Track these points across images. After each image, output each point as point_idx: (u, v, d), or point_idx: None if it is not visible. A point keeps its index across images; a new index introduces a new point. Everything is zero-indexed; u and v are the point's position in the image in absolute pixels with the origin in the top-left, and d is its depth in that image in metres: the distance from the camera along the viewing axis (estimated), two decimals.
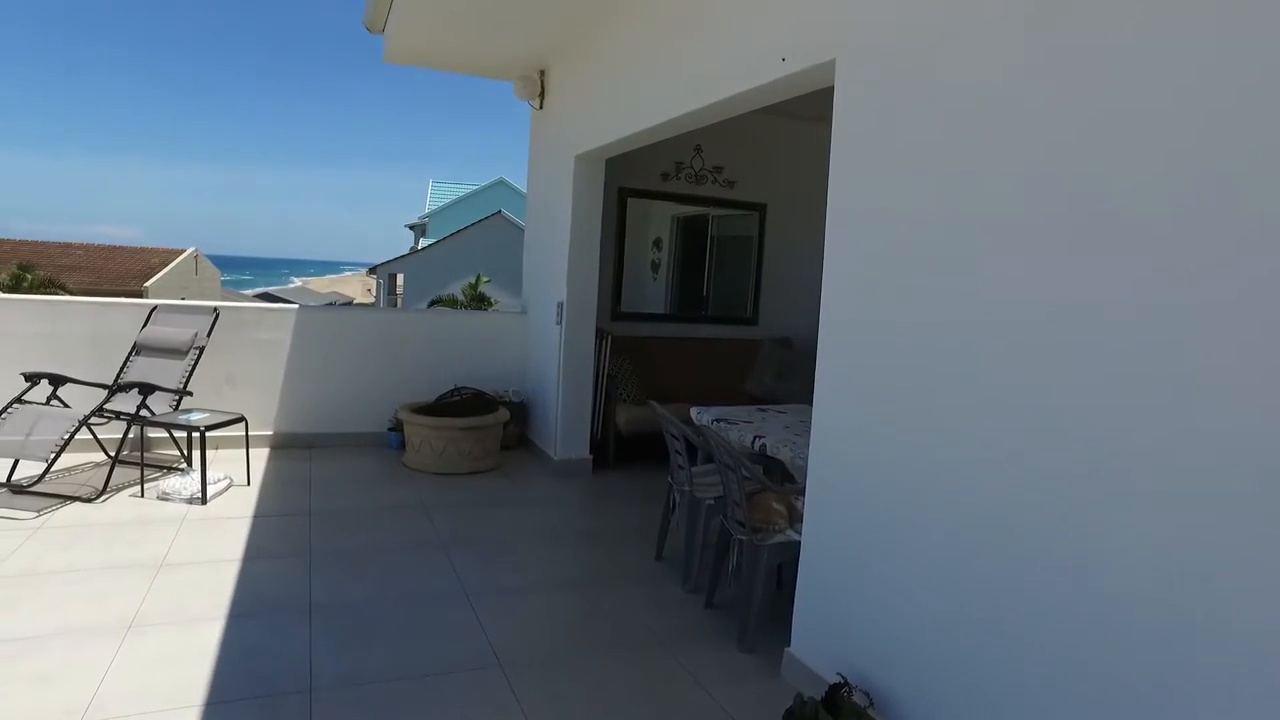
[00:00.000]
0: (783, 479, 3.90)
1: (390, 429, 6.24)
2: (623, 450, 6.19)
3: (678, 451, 3.92)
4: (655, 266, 7.34)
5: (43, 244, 28.59)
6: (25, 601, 3.26)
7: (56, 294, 18.62)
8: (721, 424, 4.05)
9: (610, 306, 6.89)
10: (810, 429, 3.80)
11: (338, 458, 5.85)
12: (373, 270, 28.27)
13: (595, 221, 5.77)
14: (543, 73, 6.33)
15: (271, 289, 49.15)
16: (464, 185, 31.31)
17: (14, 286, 20.10)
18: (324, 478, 5.32)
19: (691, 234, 7.46)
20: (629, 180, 6.73)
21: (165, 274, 26.29)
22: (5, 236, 29.43)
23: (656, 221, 7.22)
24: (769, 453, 3.65)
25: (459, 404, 5.94)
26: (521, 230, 23.21)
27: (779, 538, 3.29)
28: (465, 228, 23.78)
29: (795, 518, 3.38)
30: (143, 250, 29.11)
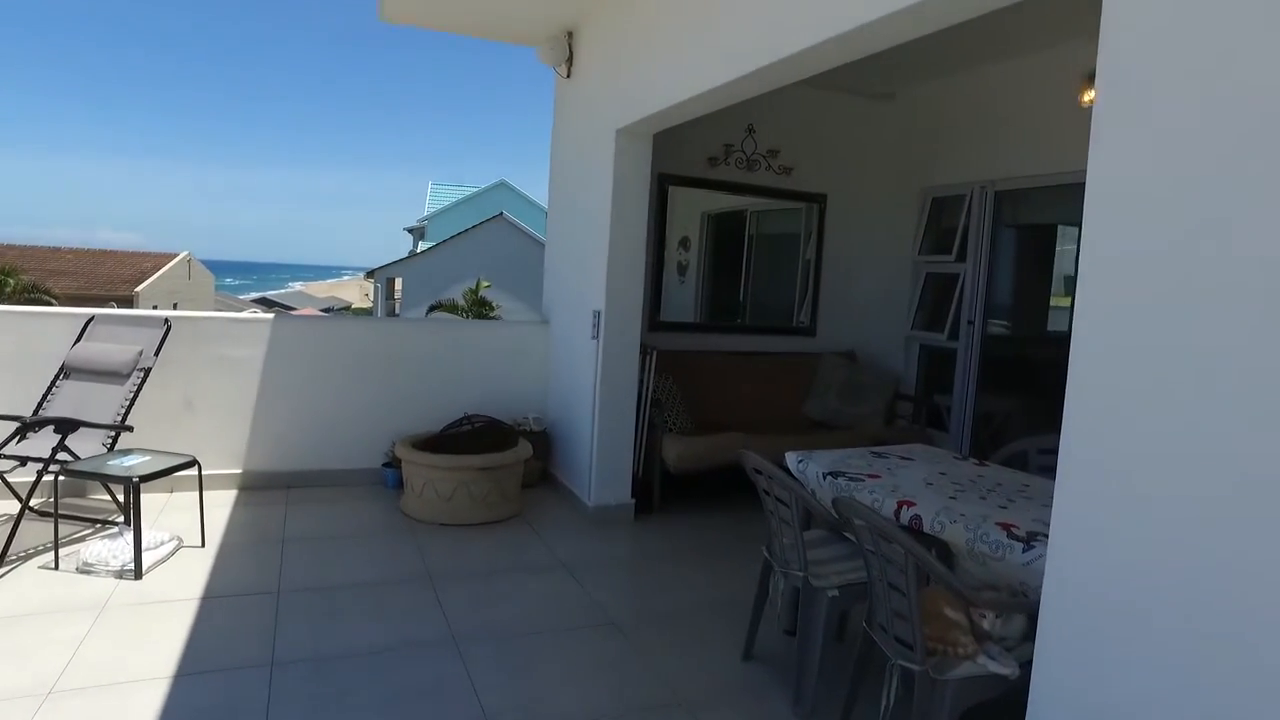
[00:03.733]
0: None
1: (385, 464, 5.14)
2: (669, 490, 5.08)
3: (785, 521, 2.81)
4: (682, 269, 6.22)
5: (30, 248, 27.52)
6: None
7: (44, 300, 17.52)
8: (841, 480, 2.95)
9: (649, 315, 5.78)
10: (962, 486, 2.68)
11: (321, 503, 4.73)
12: (370, 274, 27.24)
13: (641, 212, 4.68)
14: (571, 34, 5.24)
15: (269, 294, 48.02)
16: (464, 188, 30.58)
17: None
18: (302, 533, 4.21)
19: (725, 232, 6.37)
20: (670, 165, 5.64)
21: (157, 278, 25.26)
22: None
23: (682, 218, 6.08)
24: (928, 529, 2.55)
25: (470, 436, 4.83)
26: (524, 234, 22.63)
27: (967, 668, 2.19)
28: (465, 230, 22.83)
29: (980, 635, 2.28)
30: (135, 255, 28.09)
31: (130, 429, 4.03)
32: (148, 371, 4.24)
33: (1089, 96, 4.81)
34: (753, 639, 3.12)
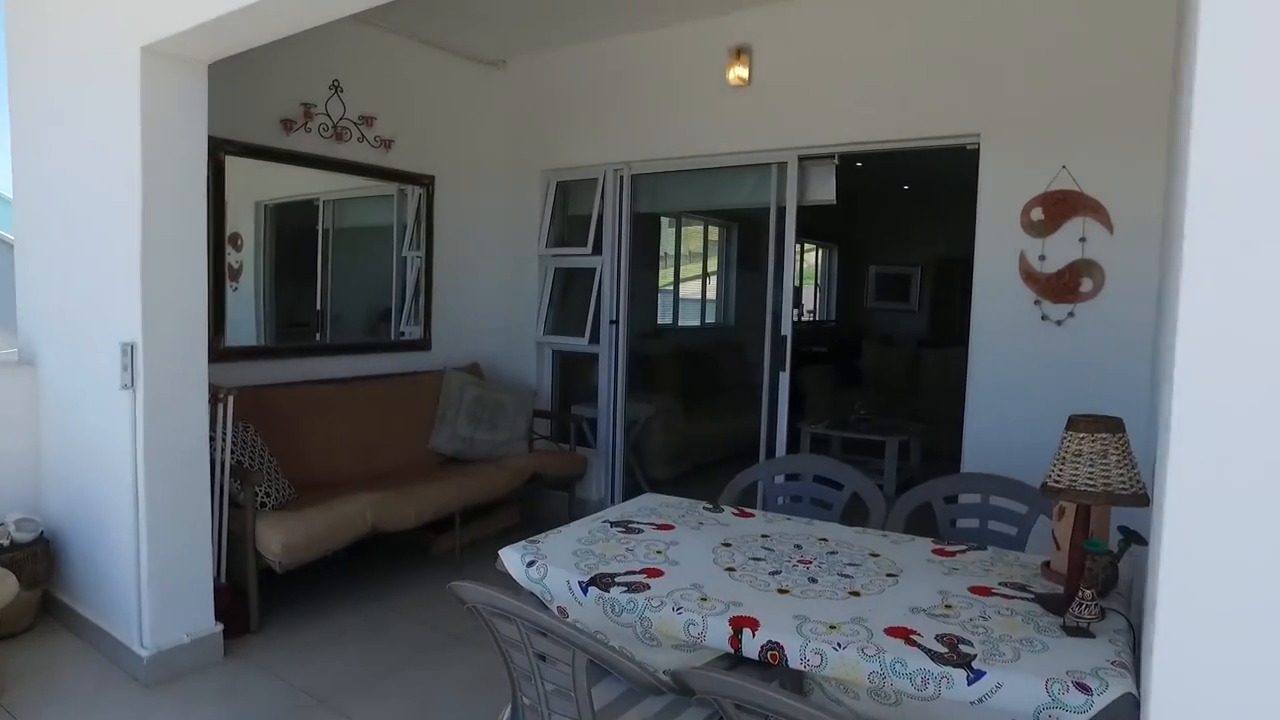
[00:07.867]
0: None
1: None
2: (272, 593, 3.52)
3: (560, 690, 1.68)
4: (234, 274, 4.52)
5: None
6: None
7: None
8: (618, 594, 1.90)
9: (207, 339, 3.99)
10: (768, 563, 1.67)
11: None
12: None
13: (197, 185, 3.02)
14: None
15: None
16: None
17: None
18: None
19: (290, 228, 4.85)
20: (227, 128, 3.97)
21: None
22: None
23: (234, 210, 4.40)
24: (797, 664, 1.64)
25: None
26: None
27: None
28: None
29: None
30: None
31: None
32: None
33: (737, 73, 4.42)
34: None
